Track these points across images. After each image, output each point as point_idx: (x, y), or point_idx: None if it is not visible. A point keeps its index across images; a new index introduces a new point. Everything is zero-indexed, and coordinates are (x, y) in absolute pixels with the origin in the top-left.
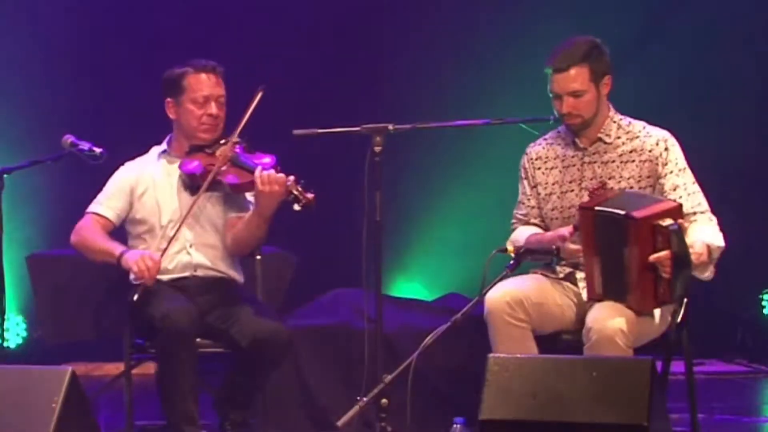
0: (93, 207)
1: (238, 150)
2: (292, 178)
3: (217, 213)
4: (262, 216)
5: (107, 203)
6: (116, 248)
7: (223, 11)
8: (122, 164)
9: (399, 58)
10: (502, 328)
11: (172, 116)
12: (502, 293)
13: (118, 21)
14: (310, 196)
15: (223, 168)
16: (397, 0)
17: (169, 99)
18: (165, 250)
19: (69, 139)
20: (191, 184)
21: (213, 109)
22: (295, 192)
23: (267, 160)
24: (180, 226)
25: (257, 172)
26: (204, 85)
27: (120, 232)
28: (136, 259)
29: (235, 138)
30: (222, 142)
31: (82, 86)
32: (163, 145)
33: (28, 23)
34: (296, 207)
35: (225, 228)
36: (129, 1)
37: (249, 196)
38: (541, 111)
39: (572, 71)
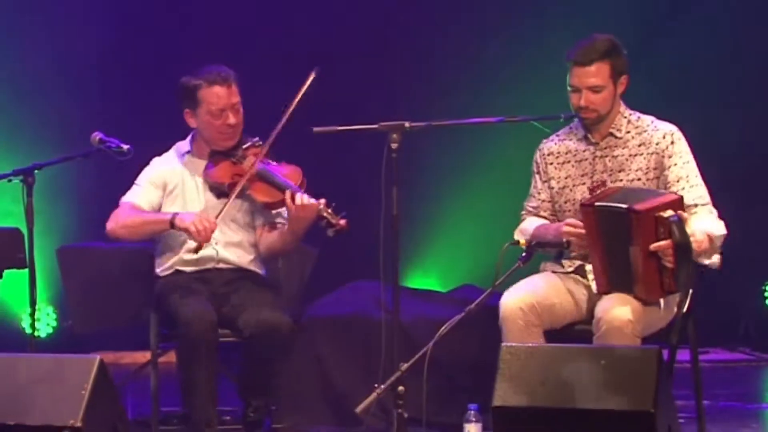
0: (128, 197)
1: (265, 164)
2: (322, 201)
3: (243, 214)
4: (295, 234)
5: (142, 194)
6: (165, 214)
7: (241, 13)
8: (151, 159)
9: (416, 58)
10: (515, 333)
11: (191, 125)
12: (515, 299)
13: (144, 25)
14: (342, 222)
15: (251, 183)
16: (415, 2)
17: (187, 110)
18: (218, 215)
19: (98, 136)
20: (217, 190)
21: (230, 119)
22: (327, 216)
23: (296, 176)
24: (219, 215)
25: (288, 198)
26: (218, 98)
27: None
28: (193, 219)
29: (263, 148)
30: (245, 146)
31: (110, 86)
32: (187, 145)
33: (61, 29)
34: (330, 233)
35: (257, 233)
36: (154, 7)
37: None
38: (553, 109)
39: (594, 66)
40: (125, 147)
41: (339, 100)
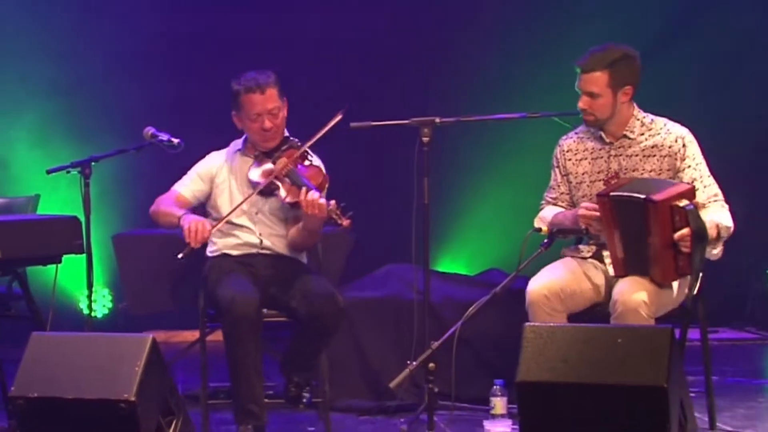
0: (176, 184)
1: (298, 165)
2: (332, 202)
3: (280, 209)
4: (309, 231)
5: (189, 184)
6: (179, 212)
7: (281, 15)
8: (199, 152)
9: (445, 58)
10: (541, 317)
11: (238, 126)
12: (540, 286)
13: (196, 25)
14: (346, 222)
15: (281, 183)
16: (444, 3)
17: (233, 112)
18: (217, 225)
19: (150, 130)
20: (253, 187)
21: (266, 123)
22: (334, 216)
23: (318, 178)
24: (223, 220)
25: (302, 196)
26: (255, 104)
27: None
28: (189, 221)
29: (298, 150)
30: (283, 149)
31: (162, 83)
32: (240, 144)
33: (117, 31)
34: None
35: (288, 225)
36: (204, 8)
37: None
38: (574, 106)
39: (593, 74)
40: (176, 140)
41: (373, 96)
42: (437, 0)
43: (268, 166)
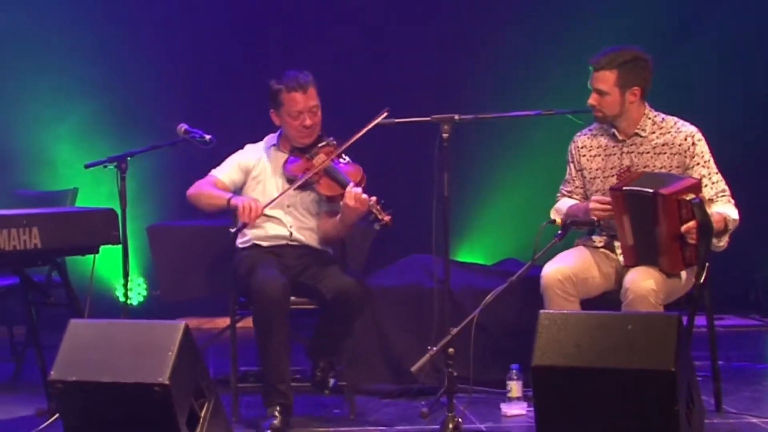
0: (214, 171)
1: (334, 162)
2: (374, 198)
3: (312, 203)
4: (345, 224)
5: (227, 172)
6: (227, 194)
7: (313, 15)
8: (231, 146)
9: (465, 57)
10: (555, 300)
11: (276, 123)
12: (555, 272)
13: (229, 27)
14: (387, 218)
15: (319, 178)
16: (466, 5)
17: (272, 109)
18: (267, 204)
19: (183, 127)
20: (292, 181)
21: (306, 121)
22: (375, 212)
23: (357, 175)
24: (269, 204)
25: (345, 193)
26: (296, 102)
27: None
28: (243, 200)
29: (335, 148)
30: (320, 145)
31: (194, 81)
32: (275, 139)
33: (152, 34)
34: (376, 226)
35: (320, 218)
36: (238, 8)
37: None
38: (586, 103)
39: (602, 73)
40: (208, 137)
41: (394, 94)
42: (458, 4)
43: (306, 161)
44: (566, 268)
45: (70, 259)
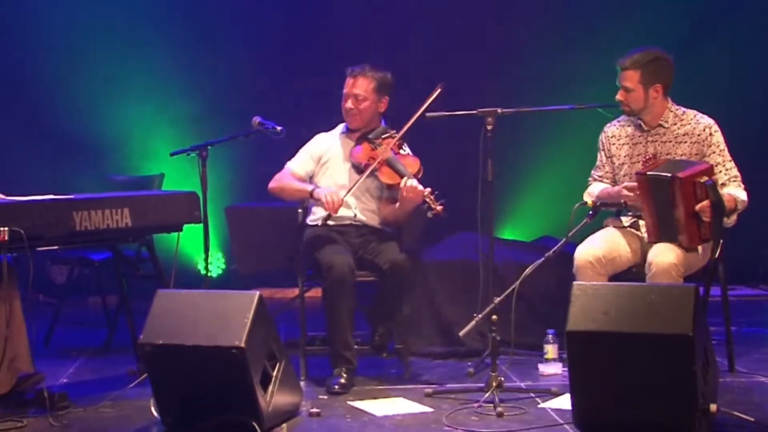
0: (290, 163)
1: (394, 153)
2: (428, 189)
3: (374, 188)
4: (403, 211)
5: (301, 163)
6: (308, 186)
7: (374, 16)
8: (301, 137)
9: (507, 55)
10: (586, 280)
11: None
12: (585, 253)
13: (299, 28)
14: (439, 208)
15: (380, 167)
16: (511, 7)
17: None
18: (346, 194)
19: (257, 119)
20: (356, 167)
21: (347, 103)
22: (429, 201)
23: (415, 166)
24: (347, 194)
25: (402, 182)
26: (346, 85)
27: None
28: (325, 193)
29: (396, 139)
30: (384, 136)
31: (267, 77)
32: (344, 127)
33: (230, 33)
34: (429, 214)
35: (380, 202)
36: (312, 7)
37: None
38: (614, 98)
39: (628, 72)
40: (279, 128)
41: (448, 89)
42: (501, 7)
43: (370, 149)
44: (596, 250)
45: (157, 236)
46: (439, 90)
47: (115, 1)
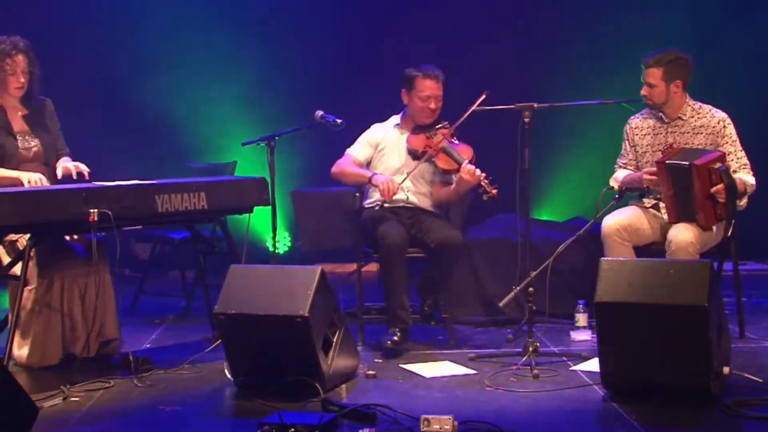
0: (350, 150)
1: (448, 142)
2: (483, 174)
3: (426, 173)
4: (459, 193)
5: (360, 150)
6: (367, 172)
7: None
8: (360, 126)
9: (542, 53)
10: (613, 246)
11: (405, 102)
12: (613, 222)
13: (357, 29)
14: (494, 191)
15: (438, 153)
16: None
17: (403, 90)
18: (402, 181)
19: (319, 113)
20: (413, 154)
21: (432, 104)
22: (484, 185)
23: (468, 153)
24: (403, 181)
25: (464, 165)
26: (428, 88)
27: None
28: (384, 180)
29: (450, 130)
30: (438, 127)
31: (329, 74)
32: (398, 119)
33: (298, 35)
34: (484, 197)
35: (433, 187)
36: (365, 13)
37: None
38: (638, 94)
39: (651, 70)
40: (339, 121)
41: (484, 84)
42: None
43: (425, 138)
44: (622, 219)
45: (231, 217)
46: (484, 96)
47: (200, 6)
